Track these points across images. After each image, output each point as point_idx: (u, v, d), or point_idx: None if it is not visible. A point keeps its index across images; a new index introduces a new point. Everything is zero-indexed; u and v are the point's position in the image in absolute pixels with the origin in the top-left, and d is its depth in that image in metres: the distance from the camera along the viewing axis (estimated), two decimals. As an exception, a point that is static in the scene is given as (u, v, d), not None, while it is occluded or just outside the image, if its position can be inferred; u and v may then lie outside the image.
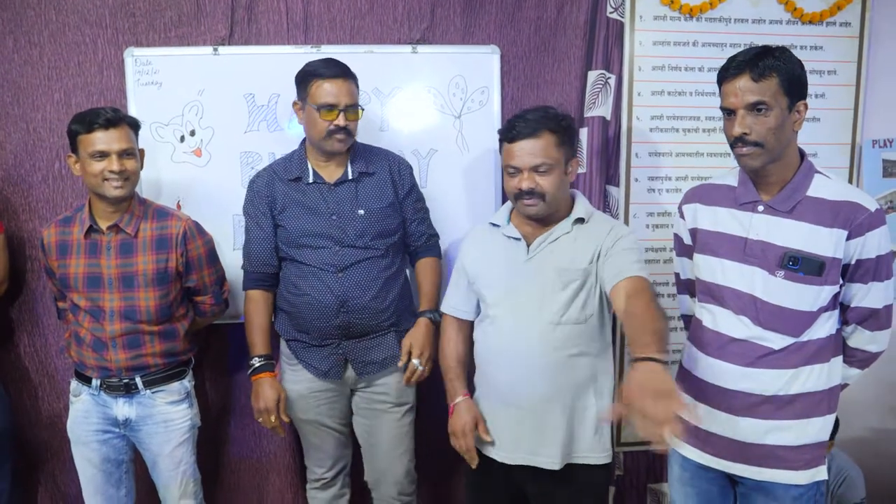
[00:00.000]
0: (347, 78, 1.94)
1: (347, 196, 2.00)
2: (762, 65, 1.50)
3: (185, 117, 2.27)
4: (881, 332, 1.64)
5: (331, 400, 2.08)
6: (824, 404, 1.62)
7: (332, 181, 2.00)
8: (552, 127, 1.71)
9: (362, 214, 1.98)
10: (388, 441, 2.08)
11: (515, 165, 1.72)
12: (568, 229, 1.77)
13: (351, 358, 2.02)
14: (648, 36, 2.39)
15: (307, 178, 2.00)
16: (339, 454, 2.15)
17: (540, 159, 1.69)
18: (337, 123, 1.91)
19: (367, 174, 2.03)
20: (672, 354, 2.45)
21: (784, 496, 1.61)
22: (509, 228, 1.82)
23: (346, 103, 1.91)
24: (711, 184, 1.77)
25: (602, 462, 1.81)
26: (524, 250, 1.78)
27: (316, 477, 2.16)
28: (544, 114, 1.73)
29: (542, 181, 1.70)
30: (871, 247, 1.55)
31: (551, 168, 1.71)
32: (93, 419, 1.97)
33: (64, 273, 1.94)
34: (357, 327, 1.98)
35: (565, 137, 1.74)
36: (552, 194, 1.72)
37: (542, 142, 1.70)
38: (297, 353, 2.06)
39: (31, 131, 2.26)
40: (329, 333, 1.99)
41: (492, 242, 1.85)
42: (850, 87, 2.47)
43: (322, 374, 2.03)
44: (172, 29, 2.27)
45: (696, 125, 2.43)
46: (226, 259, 2.21)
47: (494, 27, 2.36)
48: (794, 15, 2.41)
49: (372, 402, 2.08)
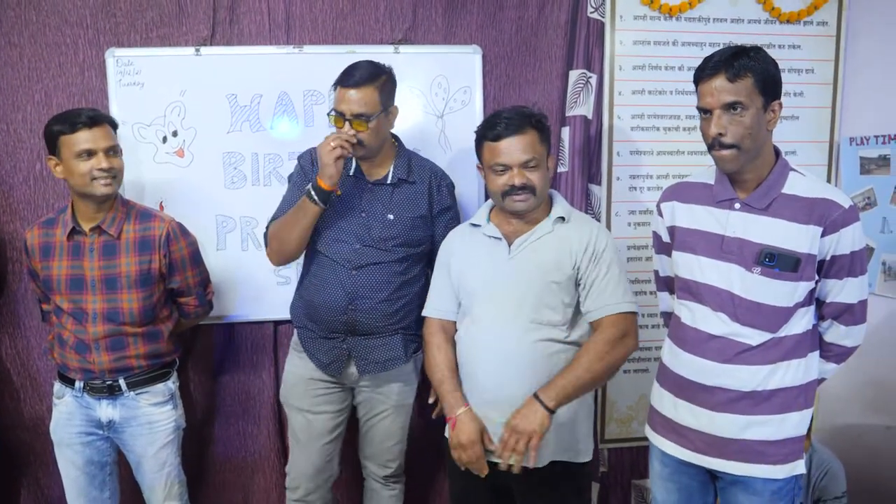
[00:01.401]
0: (361, 85, 1.85)
1: (382, 198, 1.99)
2: (737, 65, 1.52)
3: (167, 118, 2.27)
4: (856, 326, 1.66)
5: (330, 391, 2.08)
6: (802, 399, 1.64)
7: (372, 180, 2.00)
8: (534, 124, 1.76)
9: (391, 219, 1.98)
10: (383, 431, 2.11)
11: (504, 163, 1.74)
12: (550, 228, 1.80)
13: (355, 354, 2.01)
14: (629, 35, 2.41)
15: (349, 170, 1.99)
16: (322, 464, 2.09)
17: (529, 154, 1.73)
18: (342, 131, 1.86)
19: (407, 182, 2.01)
20: (652, 351, 2.50)
21: (763, 490, 1.63)
22: (490, 228, 1.84)
23: (352, 111, 1.84)
24: (689, 182, 1.79)
25: (584, 459, 1.83)
26: (506, 249, 1.80)
27: (294, 486, 2.12)
28: (523, 112, 1.77)
29: (531, 176, 1.74)
30: (846, 243, 1.57)
31: (539, 163, 1.75)
32: (76, 421, 1.97)
33: (47, 275, 1.93)
34: (363, 326, 1.98)
35: (545, 134, 1.79)
36: (541, 189, 1.77)
37: (529, 138, 1.74)
38: (305, 342, 2.07)
39: (11, 132, 2.25)
40: (335, 328, 1.99)
41: (472, 242, 1.86)
42: (827, 86, 2.51)
43: (323, 367, 2.03)
44: (154, 29, 2.26)
45: (677, 124, 2.46)
46: (210, 260, 2.21)
47: (476, 27, 2.37)
48: (771, 14, 2.44)
49: (372, 399, 2.10)
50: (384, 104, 1.90)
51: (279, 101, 2.30)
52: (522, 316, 1.75)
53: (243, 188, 2.33)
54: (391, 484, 2.19)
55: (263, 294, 2.35)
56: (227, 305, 2.35)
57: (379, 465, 2.16)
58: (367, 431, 2.14)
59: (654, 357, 2.46)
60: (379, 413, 2.10)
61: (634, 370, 2.56)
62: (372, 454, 2.16)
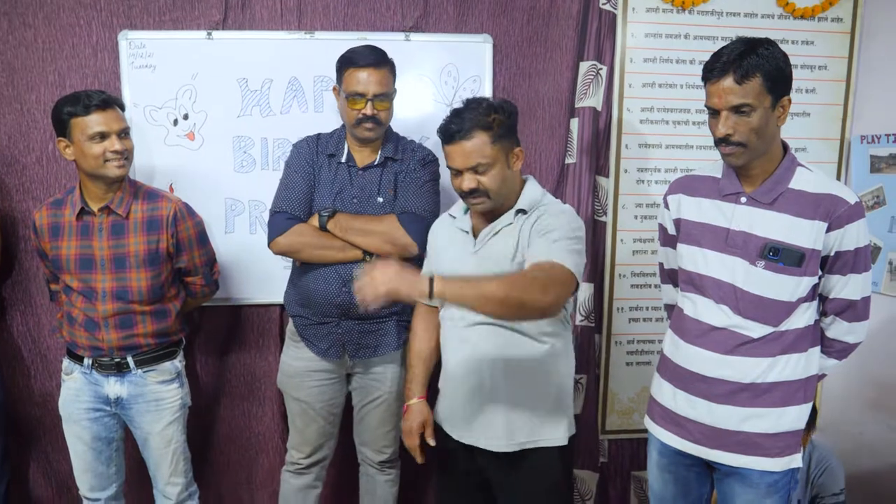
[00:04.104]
0: (380, 66, 1.94)
1: (372, 181, 2.02)
2: (746, 64, 1.50)
3: (178, 101, 2.29)
4: (859, 323, 1.66)
5: (325, 383, 2.10)
6: (801, 393, 1.65)
7: (361, 166, 2.03)
8: (483, 125, 1.67)
9: (380, 202, 2.01)
10: (378, 418, 2.14)
11: (454, 167, 1.72)
12: (510, 220, 1.75)
13: (346, 339, 2.04)
14: (640, 28, 2.40)
15: (341, 157, 2.03)
16: (319, 443, 2.16)
17: (475, 160, 1.68)
18: (365, 112, 1.93)
19: (393, 160, 2.04)
20: (654, 344, 2.51)
21: (759, 482, 1.64)
22: (462, 220, 1.83)
23: (374, 92, 1.92)
24: (696, 175, 1.79)
25: (559, 444, 1.78)
26: (471, 243, 1.79)
27: (293, 460, 2.18)
28: (476, 111, 1.69)
29: (483, 179, 1.69)
30: (850, 239, 1.57)
31: (490, 166, 1.69)
32: (84, 397, 2.00)
33: (56, 255, 1.96)
34: (357, 308, 1.93)
35: (500, 132, 1.70)
36: (495, 190, 1.71)
37: (476, 141, 1.67)
38: (301, 330, 2.09)
39: (25, 112, 2.27)
40: (329, 312, 2.02)
41: (447, 234, 1.87)
42: (840, 83, 2.50)
43: (322, 353, 2.06)
44: (167, 13, 2.28)
45: (686, 117, 2.45)
46: (218, 242, 2.24)
47: (487, 16, 2.37)
48: (786, 10, 2.43)
49: (367, 386, 2.12)
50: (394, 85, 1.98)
51: (289, 86, 2.32)
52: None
53: (252, 172, 2.35)
54: (386, 469, 2.21)
55: (270, 277, 2.37)
56: (235, 288, 2.37)
57: (374, 451, 2.19)
58: (363, 418, 2.17)
59: (657, 350, 2.47)
60: (374, 399, 2.13)
61: (637, 363, 2.57)
62: (368, 440, 2.19)
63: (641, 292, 2.52)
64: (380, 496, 2.22)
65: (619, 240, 2.51)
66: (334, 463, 2.29)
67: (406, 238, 1.96)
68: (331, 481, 2.41)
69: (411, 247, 1.97)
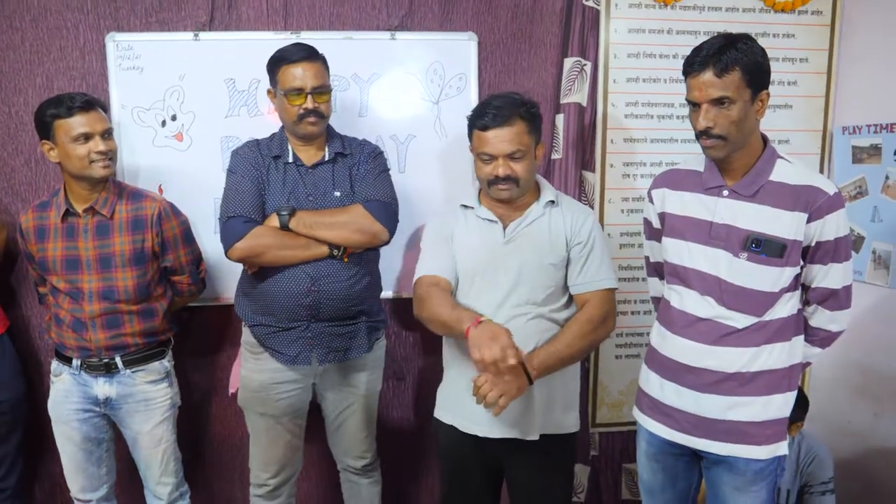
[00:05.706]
0: (313, 59, 1.92)
1: (324, 178, 1.99)
2: (725, 59, 1.53)
3: (166, 102, 2.30)
4: (841, 311, 1.69)
5: (292, 394, 2.03)
6: (785, 381, 1.67)
7: (309, 164, 1.99)
8: (523, 114, 1.76)
9: (338, 196, 1.97)
10: (355, 424, 2.12)
11: (490, 153, 1.76)
12: (541, 212, 1.84)
13: (316, 343, 1.96)
14: (623, 23, 2.42)
15: (287, 158, 1.98)
16: (286, 460, 2.08)
17: (514, 146, 1.74)
18: (306, 107, 1.90)
19: (343, 155, 2.01)
20: (643, 337, 2.53)
21: (746, 470, 1.66)
22: (483, 210, 1.86)
23: (312, 85, 1.89)
24: (679, 169, 1.81)
25: (572, 431, 1.88)
26: (501, 233, 1.83)
27: (260, 482, 2.09)
28: (514, 101, 1.77)
29: (516, 167, 1.76)
30: (830, 229, 1.59)
31: (525, 154, 1.76)
32: (73, 398, 2.00)
33: (42, 257, 1.96)
34: (327, 308, 1.93)
35: (534, 124, 1.80)
36: (525, 179, 1.79)
37: (516, 129, 1.74)
38: (263, 339, 1.99)
39: (13, 115, 2.28)
40: (297, 315, 1.93)
41: (466, 223, 1.88)
42: (821, 75, 2.52)
43: (290, 361, 1.96)
44: (153, 14, 2.29)
45: (670, 112, 2.47)
46: (206, 242, 2.24)
47: (472, 14, 2.39)
48: (766, 3, 2.45)
49: (340, 393, 2.08)
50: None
51: (276, 86, 2.33)
52: (517, 296, 1.78)
53: (240, 172, 2.35)
54: (369, 472, 2.19)
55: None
56: (223, 287, 2.38)
57: (355, 458, 2.15)
58: (339, 427, 2.12)
59: (645, 343, 2.47)
60: (348, 407, 2.09)
61: (626, 355, 2.59)
62: (348, 448, 2.15)
63: (629, 285, 2.54)
64: (365, 497, 2.21)
65: (607, 234, 2.52)
66: (308, 477, 2.25)
67: (376, 225, 1.92)
68: (304, 496, 2.39)
69: (382, 233, 1.94)
